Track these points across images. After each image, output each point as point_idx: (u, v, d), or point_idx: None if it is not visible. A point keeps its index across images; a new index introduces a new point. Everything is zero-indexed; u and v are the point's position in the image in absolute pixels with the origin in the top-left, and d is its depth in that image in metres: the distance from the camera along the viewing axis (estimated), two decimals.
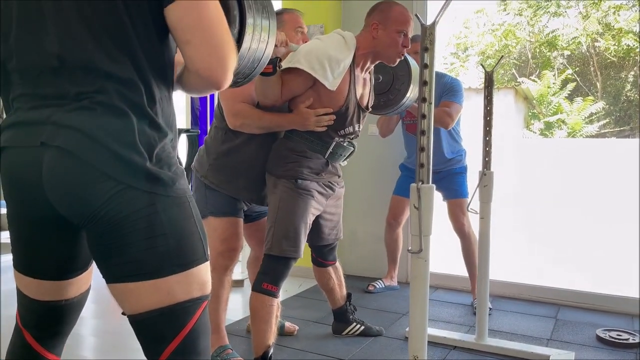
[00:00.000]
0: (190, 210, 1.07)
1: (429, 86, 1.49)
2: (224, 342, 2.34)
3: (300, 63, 2.00)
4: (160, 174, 1.03)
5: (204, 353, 1.09)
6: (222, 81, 1.03)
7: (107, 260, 1.04)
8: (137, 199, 1.00)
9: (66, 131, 0.99)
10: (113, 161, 0.99)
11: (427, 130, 1.49)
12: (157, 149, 1.03)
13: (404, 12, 2.13)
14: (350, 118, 2.16)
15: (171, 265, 1.03)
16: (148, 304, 1.03)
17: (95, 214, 1.00)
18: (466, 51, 19.73)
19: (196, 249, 1.07)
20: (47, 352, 1.22)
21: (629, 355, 2.48)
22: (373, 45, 2.13)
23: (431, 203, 1.51)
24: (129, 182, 1.00)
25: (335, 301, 2.66)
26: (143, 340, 1.08)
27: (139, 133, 1.01)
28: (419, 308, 1.54)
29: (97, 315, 3.10)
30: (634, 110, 18.06)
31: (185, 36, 1.01)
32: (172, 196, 1.04)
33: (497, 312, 3.09)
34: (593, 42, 17.01)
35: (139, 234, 1.01)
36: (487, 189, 2.47)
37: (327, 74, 2.02)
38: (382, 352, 2.49)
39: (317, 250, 2.49)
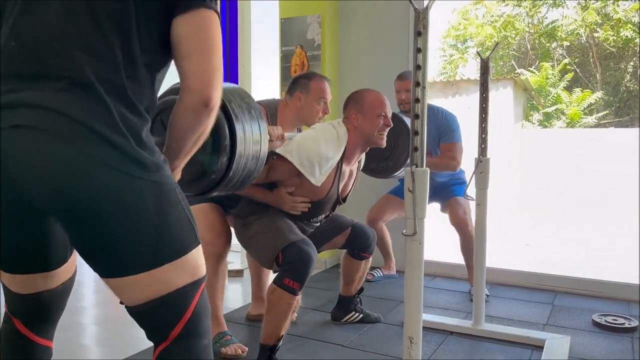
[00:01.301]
0: (177, 196, 1.06)
1: (422, 71, 1.51)
2: (223, 329, 2.36)
3: (292, 155, 2.10)
4: (145, 158, 1.01)
5: (206, 334, 1.11)
6: (211, 96, 1.07)
7: (96, 257, 1.02)
8: (122, 185, 0.98)
9: (41, 111, 0.96)
10: (96, 142, 0.96)
11: (420, 114, 1.50)
12: (142, 134, 1.02)
13: (377, 96, 2.26)
14: (325, 209, 2.29)
15: (165, 254, 1.03)
16: (146, 295, 1.03)
17: (78, 199, 0.96)
18: (465, 43, 19.68)
19: (188, 235, 1.06)
20: (38, 337, 1.23)
21: (624, 340, 2.50)
22: (358, 135, 2.24)
23: (425, 186, 1.52)
24: (114, 164, 0.97)
25: (348, 290, 2.68)
26: (146, 328, 1.09)
27: (120, 116, 0.99)
28: (414, 290, 1.56)
29: (97, 305, 3.13)
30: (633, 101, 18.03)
31: (188, 50, 1.06)
32: (158, 182, 1.02)
33: (494, 298, 3.12)
34: (592, 32, 16.96)
35: (127, 226, 0.98)
36: (483, 175, 2.48)
37: (314, 172, 2.12)
38: (379, 338, 2.51)
39: (353, 245, 2.53)
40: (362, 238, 2.51)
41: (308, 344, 2.45)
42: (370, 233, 2.55)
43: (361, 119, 2.22)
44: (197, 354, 1.07)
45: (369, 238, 2.53)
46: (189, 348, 1.06)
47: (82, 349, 2.44)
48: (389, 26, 3.67)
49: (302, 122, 2.50)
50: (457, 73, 18.92)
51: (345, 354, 2.33)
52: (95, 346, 2.51)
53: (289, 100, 2.46)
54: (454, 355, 2.31)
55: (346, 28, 3.83)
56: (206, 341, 1.09)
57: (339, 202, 2.35)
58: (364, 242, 2.52)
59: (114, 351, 2.35)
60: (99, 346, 2.51)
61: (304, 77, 2.48)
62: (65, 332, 2.54)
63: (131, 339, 2.47)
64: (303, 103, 2.42)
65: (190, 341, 1.07)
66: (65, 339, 2.48)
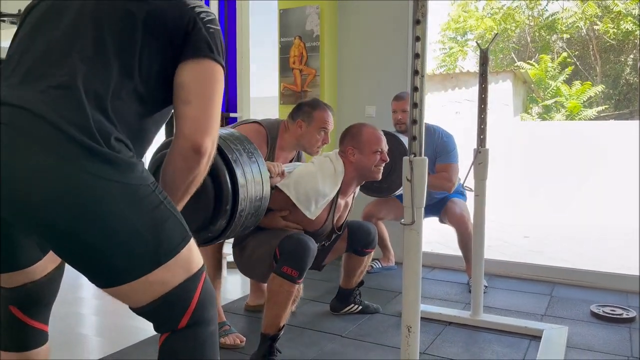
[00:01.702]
0: (157, 196, 1.02)
1: (421, 59, 1.50)
2: (222, 319, 2.36)
3: (289, 190, 2.14)
4: (119, 159, 0.97)
5: (212, 321, 1.11)
6: (202, 143, 1.08)
7: (86, 270, 1.01)
8: (97, 188, 0.93)
9: (9, 108, 0.93)
10: (66, 144, 0.92)
11: (419, 103, 1.50)
12: (112, 139, 0.99)
13: (374, 132, 2.29)
14: (320, 239, 2.30)
15: (156, 259, 1.01)
16: (147, 297, 1.04)
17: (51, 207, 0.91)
18: (465, 35, 19.60)
19: (176, 234, 1.04)
20: (32, 320, 1.23)
21: (622, 330, 2.51)
22: (355, 169, 2.26)
23: (424, 175, 1.52)
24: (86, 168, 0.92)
25: (348, 283, 2.69)
26: (153, 323, 1.10)
27: (94, 121, 0.97)
28: (412, 280, 1.56)
29: (96, 296, 3.13)
30: (633, 94, 18.01)
31: (188, 96, 1.08)
32: (134, 185, 0.99)
33: (492, 290, 3.13)
34: (592, 25, 16.91)
35: (109, 234, 0.95)
36: (482, 166, 2.48)
37: (310, 206, 2.15)
38: (378, 328, 2.52)
39: (356, 243, 2.52)
40: (362, 235, 2.51)
41: (307, 333, 2.45)
42: (371, 228, 2.55)
43: (358, 155, 2.25)
44: (203, 341, 1.07)
45: (370, 234, 2.53)
46: (195, 335, 1.07)
47: (81, 338, 2.45)
48: (388, 17, 3.66)
49: (301, 148, 2.52)
50: (457, 66, 18.87)
51: (344, 343, 2.34)
52: (95, 336, 2.51)
53: (291, 125, 2.46)
54: (452, 345, 2.32)
55: (345, 19, 3.82)
56: (212, 328, 1.10)
57: (334, 232, 2.38)
58: (365, 238, 2.52)
59: (113, 341, 2.35)
60: (99, 336, 2.51)
61: (308, 106, 2.47)
62: (65, 322, 2.56)
63: (130, 329, 2.47)
64: (304, 131, 2.43)
65: (197, 329, 1.07)
66: (65, 328, 2.49)
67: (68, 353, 2.21)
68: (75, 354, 2.22)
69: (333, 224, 2.31)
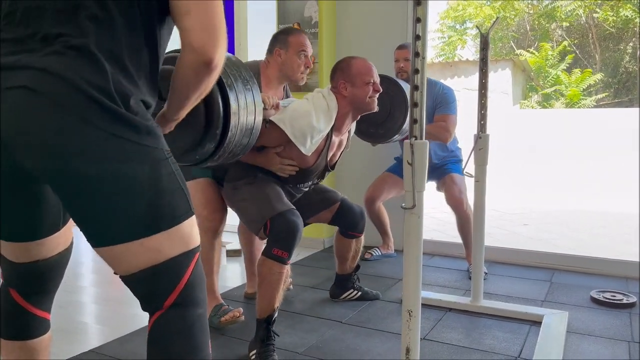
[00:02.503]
0: (170, 165, 1.04)
1: (421, 41, 1.48)
2: (219, 302, 2.37)
3: (285, 124, 2.09)
4: (137, 122, 0.99)
5: (201, 303, 1.09)
6: (214, 54, 1.04)
7: (87, 223, 1.01)
8: (114, 148, 0.96)
9: (34, 72, 0.95)
10: (86, 103, 0.94)
11: (420, 86, 1.48)
12: (131, 101, 1.00)
13: (364, 64, 2.24)
14: (313, 176, 2.27)
15: (158, 223, 1.01)
16: (139, 264, 1.02)
17: (69, 162, 0.94)
18: (464, 24, 19.51)
19: (181, 204, 1.05)
20: (35, 307, 1.22)
21: (623, 315, 2.51)
22: (348, 103, 2.21)
23: (425, 159, 1.51)
24: (104, 127, 0.95)
25: (343, 269, 2.68)
26: (140, 296, 1.08)
27: (114, 81, 0.98)
28: (413, 264, 1.55)
29: (97, 284, 3.13)
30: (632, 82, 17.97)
31: (187, 6, 1.03)
32: (151, 147, 1.01)
33: (492, 276, 3.12)
34: (592, 13, 16.83)
35: (118, 190, 0.97)
36: (483, 152, 2.47)
37: (305, 142, 2.11)
38: (378, 315, 2.52)
39: (344, 223, 2.52)
40: (349, 216, 2.49)
41: (306, 320, 2.45)
42: (358, 211, 2.51)
43: (350, 88, 2.20)
44: (191, 322, 1.06)
45: (356, 216, 2.50)
46: (183, 316, 1.05)
47: (81, 326, 2.44)
48: (386, 3, 3.62)
49: (285, 78, 2.44)
50: (456, 55, 18.79)
51: (344, 330, 2.34)
52: (95, 324, 2.51)
53: (270, 58, 2.41)
54: (453, 331, 2.32)
55: (343, 5, 3.78)
56: (201, 310, 1.08)
57: (328, 170, 2.33)
58: (351, 219, 2.50)
59: (113, 329, 2.35)
60: (99, 324, 2.51)
61: (281, 33, 2.43)
62: (65, 310, 2.56)
63: (130, 317, 2.47)
64: (284, 58, 2.36)
65: (185, 310, 1.06)
66: (65, 316, 2.49)
67: (68, 341, 2.21)
68: (75, 341, 2.22)
69: (326, 161, 2.27)
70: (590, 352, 2.11)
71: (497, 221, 5.12)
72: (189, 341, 1.05)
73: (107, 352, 2.10)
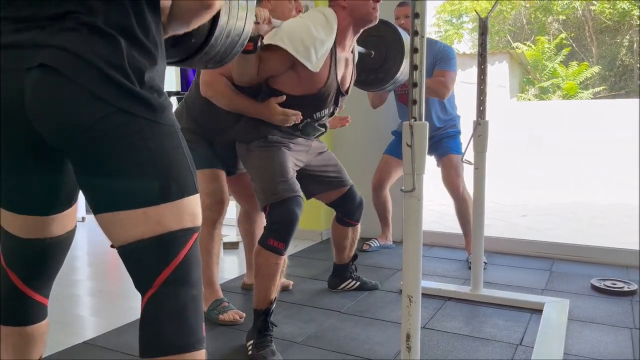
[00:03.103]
0: (179, 140, 1.06)
1: (420, 19, 1.45)
2: (219, 296, 2.33)
3: (283, 42, 1.94)
4: (150, 99, 1.01)
5: (196, 284, 1.06)
6: None
7: (95, 189, 1.02)
8: (126, 124, 0.98)
9: (50, 50, 0.96)
10: (101, 81, 0.96)
11: (419, 65, 1.45)
12: (146, 76, 1.01)
13: None
14: (329, 101, 2.13)
15: (161, 193, 1.01)
16: (138, 233, 1.01)
17: (82, 136, 0.97)
18: (460, 18, 19.48)
19: (186, 179, 1.05)
20: (34, 292, 1.20)
21: (624, 303, 2.49)
22: (348, 14, 2.08)
23: (424, 141, 1.47)
24: (117, 104, 0.97)
25: (341, 258, 2.65)
26: (134, 271, 1.06)
27: (128, 56, 0.99)
28: (413, 249, 1.52)
29: (92, 278, 3.09)
30: (629, 75, 17.97)
31: None
32: (162, 123, 1.02)
33: (491, 266, 3.10)
34: (588, 5, 16.81)
35: (128, 160, 0.99)
36: (482, 138, 2.44)
37: (310, 56, 1.96)
38: (377, 304, 2.49)
39: (343, 208, 2.47)
40: (349, 203, 2.44)
41: (305, 310, 2.42)
42: (358, 200, 2.47)
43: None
44: (184, 302, 1.03)
45: (354, 204, 2.46)
46: (175, 295, 1.02)
47: (76, 318, 2.41)
48: None
49: None
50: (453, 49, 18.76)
51: (342, 319, 2.31)
52: (90, 316, 2.47)
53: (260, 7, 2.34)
54: (453, 320, 2.29)
55: None
56: (195, 292, 1.05)
57: (341, 94, 2.20)
58: (351, 207, 2.46)
59: (108, 321, 2.31)
60: (93, 316, 2.47)
61: None
62: (60, 303, 2.52)
63: (125, 309, 2.44)
64: (273, 5, 2.23)
65: (178, 289, 1.03)
66: (60, 309, 2.46)
67: (62, 333, 2.17)
68: (70, 333, 2.18)
69: (337, 82, 2.14)
70: (592, 339, 2.08)
71: (495, 213, 5.10)
72: (181, 322, 1.02)
73: (101, 344, 2.06)
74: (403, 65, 2.43)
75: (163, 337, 1.02)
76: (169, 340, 1.02)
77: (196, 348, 1.04)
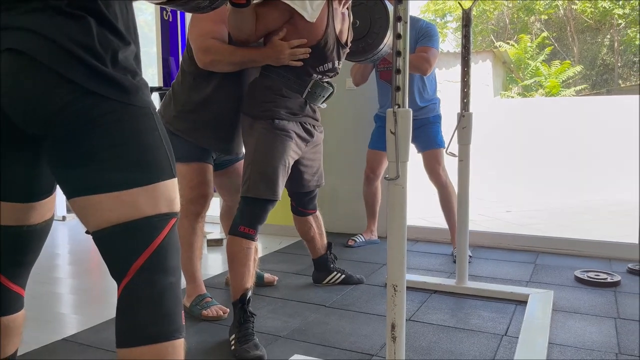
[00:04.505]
0: (154, 122, 1.03)
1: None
2: (202, 291, 2.30)
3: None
4: (123, 80, 0.98)
5: (173, 272, 1.03)
6: None
7: (68, 172, 0.99)
8: (98, 106, 0.96)
9: (17, 33, 0.93)
10: (69, 62, 0.93)
11: (402, 52, 1.43)
12: (119, 55, 0.99)
13: None
14: (330, 53, 2.08)
15: (136, 177, 0.98)
16: (113, 218, 0.98)
17: (52, 120, 0.94)
18: (444, 17, 19.58)
19: (162, 163, 1.02)
20: (10, 281, 1.15)
21: (607, 293, 2.50)
22: None
23: (408, 128, 1.46)
24: (89, 86, 0.95)
25: (316, 250, 2.63)
26: (109, 258, 1.02)
27: (99, 37, 0.96)
28: (397, 237, 1.50)
29: (73, 276, 3.04)
30: (609, 75, 18.21)
31: None
32: (136, 105, 1.00)
33: (476, 260, 3.10)
34: (570, 5, 17.00)
35: (100, 143, 0.96)
36: (466, 130, 2.43)
37: (305, 5, 1.94)
38: (362, 298, 2.47)
39: (297, 198, 2.44)
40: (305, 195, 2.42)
41: (290, 304, 2.40)
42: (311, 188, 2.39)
43: None
44: (160, 289, 0.99)
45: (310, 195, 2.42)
46: (152, 282, 0.99)
47: (56, 316, 2.35)
48: None
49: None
50: None
51: (328, 313, 2.28)
52: (70, 314, 2.42)
53: None
54: (439, 312, 2.28)
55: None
56: (173, 279, 1.02)
57: (342, 46, 2.16)
58: (304, 197, 2.43)
59: (87, 318, 2.27)
60: (74, 314, 2.42)
61: None
62: (39, 301, 2.47)
63: (105, 306, 2.40)
64: None
65: (155, 276, 0.99)
66: (39, 306, 2.41)
67: (41, 330, 2.12)
68: (49, 330, 2.13)
69: (336, 33, 2.10)
70: (576, 329, 2.08)
71: (479, 209, 5.11)
72: (158, 309, 0.99)
73: (80, 340, 2.02)
74: (387, 35, 2.42)
75: (139, 326, 0.99)
76: (146, 329, 0.99)
77: (175, 337, 1.01)
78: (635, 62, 17.22)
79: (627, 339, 1.99)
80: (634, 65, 17.49)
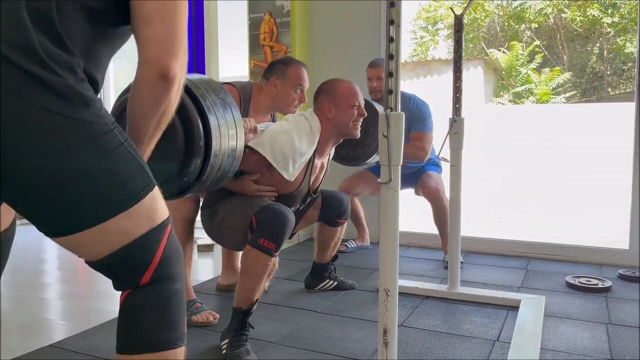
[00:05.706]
0: (116, 137, 0.91)
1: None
2: (192, 297, 2.27)
3: (264, 149, 2.00)
4: (70, 90, 0.85)
5: (178, 277, 1.00)
6: (169, 66, 0.95)
7: (35, 218, 0.89)
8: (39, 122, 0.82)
9: None
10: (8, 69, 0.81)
11: (395, 55, 1.43)
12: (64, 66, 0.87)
13: (350, 87, 2.18)
14: (296, 201, 2.20)
15: (113, 205, 0.90)
16: (105, 249, 0.92)
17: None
18: (435, 25, 19.67)
19: (137, 179, 0.93)
20: None
21: (598, 299, 2.50)
22: (332, 127, 2.16)
23: (400, 132, 1.45)
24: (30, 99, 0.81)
25: (322, 257, 2.62)
26: (114, 278, 0.99)
27: (41, 44, 0.84)
28: (389, 241, 1.49)
29: (61, 281, 3.00)
30: (599, 83, 18.34)
31: (148, 13, 0.94)
32: (88, 121, 0.87)
33: (468, 265, 3.10)
34: (560, 13, 17.16)
35: (60, 180, 0.85)
36: (458, 135, 2.43)
37: (288, 167, 2.03)
38: (354, 303, 2.46)
39: (332, 212, 2.45)
40: (335, 204, 2.44)
41: (281, 310, 2.38)
42: (344, 198, 2.49)
43: (334, 110, 2.14)
44: (168, 296, 0.97)
45: (343, 203, 2.46)
46: (159, 291, 0.96)
47: (43, 322, 2.32)
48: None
49: (277, 109, 2.38)
50: (428, 55, 18.93)
51: (319, 318, 2.27)
52: (58, 319, 2.38)
53: (264, 85, 2.34)
54: (430, 317, 2.27)
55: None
56: (178, 285, 0.99)
57: (310, 195, 2.27)
58: (338, 208, 2.45)
59: (75, 324, 2.23)
60: (62, 319, 2.38)
61: (280, 63, 2.35)
62: (26, 306, 2.44)
63: (94, 312, 2.36)
64: (279, 90, 2.30)
65: (162, 285, 0.97)
66: (26, 312, 2.37)
67: (28, 336, 2.09)
68: (36, 336, 2.09)
69: (309, 186, 2.20)
70: (568, 335, 2.08)
71: (470, 215, 5.11)
72: (164, 316, 0.96)
73: (68, 347, 1.98)
74: None
75: (143, 332, 0.96)
76: (150, 336, 0.96)
77: (177, 345, 1.00)
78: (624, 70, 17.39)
79: (619, 344, 1.99)
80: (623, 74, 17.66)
